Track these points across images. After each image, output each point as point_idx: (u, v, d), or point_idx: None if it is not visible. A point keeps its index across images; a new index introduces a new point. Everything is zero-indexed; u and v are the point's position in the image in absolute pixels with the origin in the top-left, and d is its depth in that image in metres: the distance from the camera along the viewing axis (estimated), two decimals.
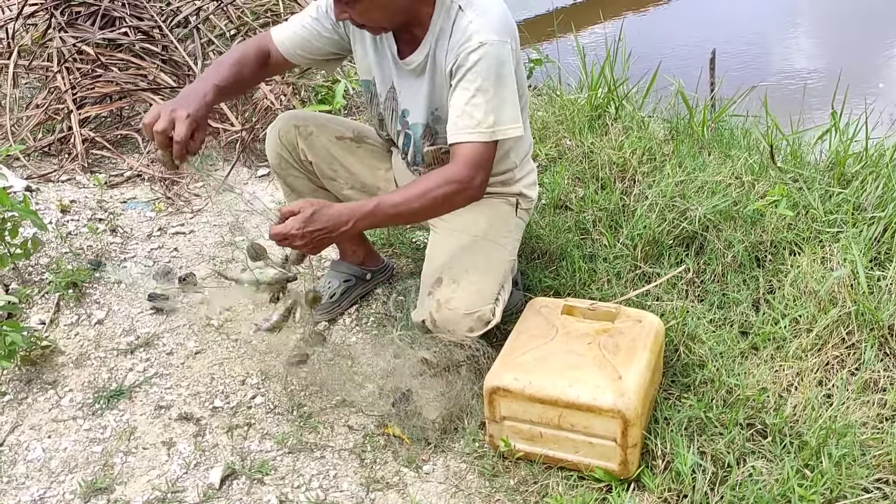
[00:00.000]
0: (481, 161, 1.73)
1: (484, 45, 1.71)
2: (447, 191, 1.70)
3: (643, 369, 1.73)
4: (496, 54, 1.72)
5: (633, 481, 1.73)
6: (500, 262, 1.96)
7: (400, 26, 1.81)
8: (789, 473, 1.65)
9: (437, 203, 1.72)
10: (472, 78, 1.72)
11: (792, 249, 2.31)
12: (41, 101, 3.23)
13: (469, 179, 1.71)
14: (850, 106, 2.88)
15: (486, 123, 1.72)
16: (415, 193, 1.71)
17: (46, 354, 2.14)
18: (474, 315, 1.84)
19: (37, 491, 1.79)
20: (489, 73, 1.71)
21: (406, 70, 1.87)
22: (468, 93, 1.72)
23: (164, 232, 2.73)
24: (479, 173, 1.73)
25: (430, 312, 1.85)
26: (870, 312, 1.99)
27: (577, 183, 2.75)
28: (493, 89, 1.72)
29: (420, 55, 1.83)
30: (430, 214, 1.81)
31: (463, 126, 1.73)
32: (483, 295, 1.86)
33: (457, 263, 1.90)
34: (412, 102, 1.91)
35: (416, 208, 1.71)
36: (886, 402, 1.85)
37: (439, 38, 1.79)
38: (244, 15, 3.78)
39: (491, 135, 1.73)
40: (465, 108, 1.72)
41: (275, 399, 2.04)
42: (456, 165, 1.73)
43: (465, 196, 1.73)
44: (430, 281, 1.90)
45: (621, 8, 5.64)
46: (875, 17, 5.46)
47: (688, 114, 3.10)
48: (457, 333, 1.85)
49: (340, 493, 1.78)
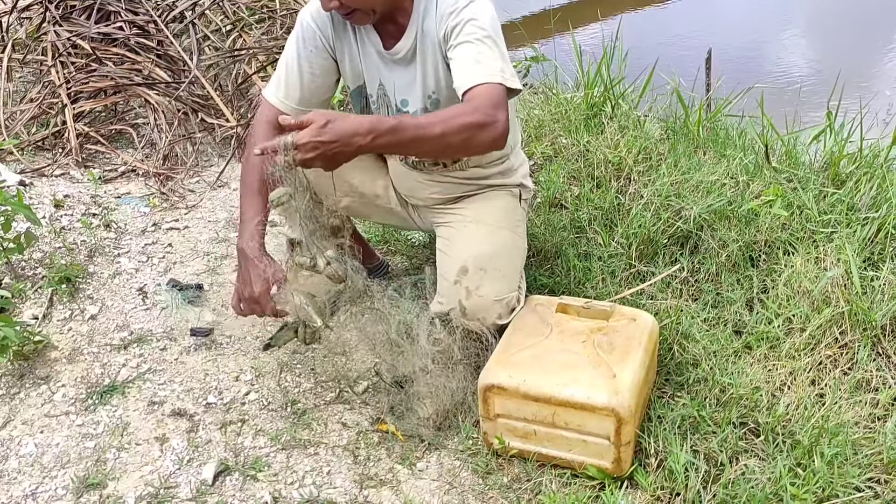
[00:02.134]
0: (501, 102, 1.61)
1: (473, 3, 1.71)
2: (474, 120, 1.58)
3: (637, 368, 1.73)
4: (487, 9, 1.72)
5: (626, 479, 1.73)
6: (519, 249, 1.99)
7: (385, 15, 1.79)
8: (782, 472, 1.66)
9: (462, 130, 1.57)
10: (471, 30, 1.68)
11: (786, 249, 2.31)
12: (35, 96, 3.22)
13: (494, 114, 1.59)
14: (846, 107, 2.89)
15: (498, 68, 1.65)
16: (440, 117, 1.59)
17: (39, 349, 2.13)
18: (503, 301, 1.86)
19: (29, 486, 1.78)
20: (486, 25, 1.69)
21: (394, 61, 1.86)
22: (472, 45, 1.67)
23: (159, 227, 2.72)
24: (500, 112, 1.60)
25: (460, 301, 1.86)
26: (863, 312, 2.00)
27: (572, 181, 2.76)
28: (491, 40, 1.68)
29: (408, 40, 1.82)
30: (453, 143, 1.60)
31: (476, 72, 1.64)
32: (509, 281, 1.89)
33: (481, 252, 1.90)
34: (407, 92, 1.89)
35: (438, 132, 1.56)
36: (878, 401, 1.86)
37: (425, 16, 1.78)
38: (240, 10, 3.77)
39: (504, 80, 1.64)
40: (475, 57, 1.65)
41: (268, 395, 2.04)
42: (479, 100, 1.60)
43: (489, 131, 1.59)
44: (455, 270, 1.89)
45: (618, 7, 5.65)
46: (871, 19, 5.48)
47: (683, 113, 3.10)
48: (486, 321, 1.86)
49: (334, 489, 1.78)
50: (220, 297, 2.39)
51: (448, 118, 1.58)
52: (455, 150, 1.71)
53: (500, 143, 1.62)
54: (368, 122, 1.53)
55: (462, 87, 1.65)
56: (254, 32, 3.67)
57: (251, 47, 3.54)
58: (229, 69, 3.47)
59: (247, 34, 3.68)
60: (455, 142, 1.58)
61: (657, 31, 5.28)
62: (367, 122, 1.53)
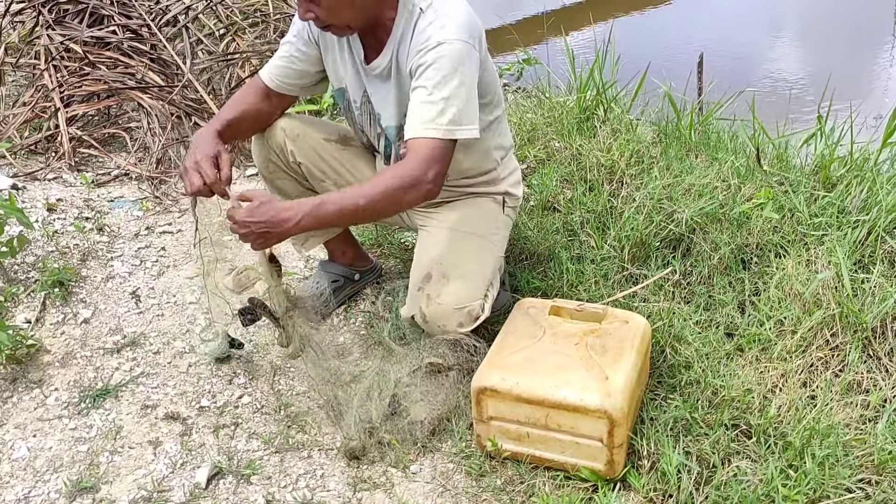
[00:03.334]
0: (436, 157, 1.68)
1: (442, 45, 1.70)
2: (397, 186, 1.65)
3: (630, 370, 1.74)
4: (454, 53, 1.70)
5: (619, 481, 1.74)
6: (489, 259, 1.97)
7: (365, 29, 1.80)
8: (773, 473, 1.67)
9: (387, 199, 1.66)
10: (429, 75, 1.70)
11: (777, 252, 2.33)
12: (28, 99, 3.21)
13: (422, 175, 1.66)
14: (836, 110, 2.91)
15: (442, 120, 1.68)
16: (363, 191, 1.66)
17: (32, 353, 2.13)
18: (464, 310, 1.85)
19: (21, 490, 1.78)
20: (446, 72, 1.69)
21: (373, 75, 1.88)
22: (425, 90, 1.70)
23: (152, 231, 2.72)
24: (432, 168, 1.67)
25: (420, 307, 1.86)
26: (854, 314, 2.01)
27: (565, 185, 2.77)
28: (449, 87, 1.69)
29: (384, 59, 1.84)
30: (381, 211, 1.72)
31: (417, 121, 1.69)
32: (472, 290, 1.88)
33: (446, 259, 1.90)
34: (383, 106, 1.92)
35: (363, 205, 1.65)
36: (869, 403, 1.87)
37: (401, 41, 1.80)
38: (233, 14, 3.78)
39: (446, 132, 1.69)
40: (421, 106, 1.70)
41: (262, 399, 2.04)
42: (409, 161, 1.68)
43: (416, 192, 1.66)
44: (420, 276, 1.90)
45: (611, 11, 5.67)
46: (862, 23, 5.51)
47: (675, 117, 3.12)
48: (447, 329, 1.86)
49: (327, 492, 1.78)
50: (214, 301, 2.38)
51: (373, 189, 1.66)
52: (383, 214, 1.77)
53: (432, 196, 1.70)
54: (294, 206, 1.65)
55: (406, 135, 1.73)
56: (247, 36, 3.67)
57: (244, 51, 3.54)
58: (222, 73, 3.47)
59: (240, 38, 3.68)
60: (381, 206, 1.68)
61: (649, 35, 5.30)
62: (294, 207, 1.65)
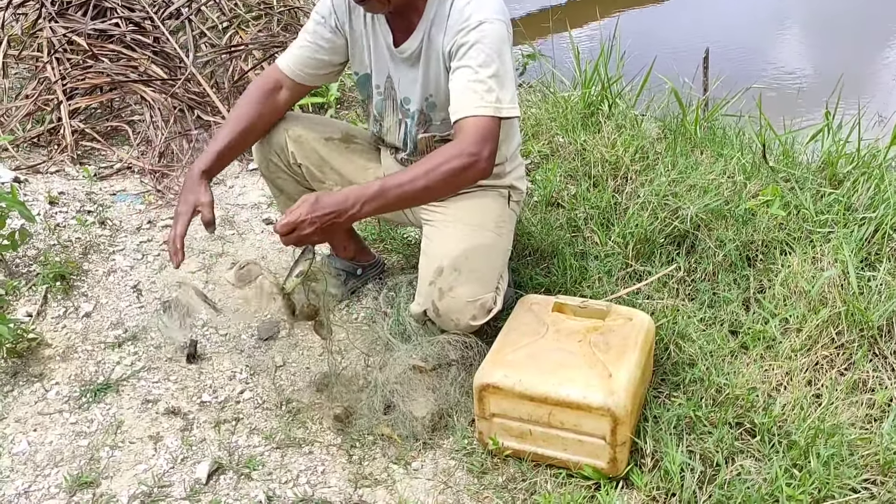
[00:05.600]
0: (489, 135, 1.68)
1: (483, 24, 1.71)
2: (455, 165, 1.65)
3: (633, 368, 1.73)
4: (496, 32, 1.72)
5: (621, 479, 1.73)
6: (499, 251, 1.97)
7: (398, 9, 1.79)
8: (778, 473, 1.65)
9: (446, 178, 1.65)
10: (473, 55, 1.71)
11: (783, 249, 2.31)
12: (31, 92, 3.20)
13: (478, 152, 1.66)
14: (844, 107, 2.89)
15: (491, 98, 1.69)
16: (421, 171, 1.65)
17: (33, 347, 2.12)
18: (477, 303, 1.84)
19: (22, 484, 1.77)
20: (491, 50, 1.71)
21: (401, 58, 1.87)
22: (470, 70, 1.70)
23: (154, 225, 2.71)
24: (486, 146, 1.67)
25: (433, 301, 1.85)
26: (860, 313, 2.00)
27: (569, 180, 2.75)
28: (494, 65, 1.70)
29: (415, 41, 1.83)
30: (439, 192, 1.71)
31: (468, 102, 1.69)
32: (484, 282, 1.87)
33: (457, 252, 1.89)
34: (411, 90, 1.90)
35: (422, 186, 1.64)
36: (875, 402, 1.86)
37: (434, 22, 1.79)
38: (237, 7, 3.76)
39: (496, 110, 1.69)
40: (469, 85, 1.70)
41: (263, 394, 2.03)
42: (463, 140, 1.67)
43: (474, 170, 1.66)
44: (431, 270, 1.89)
45: (617, 6, 5.64)
46: (870, 19, 5.48)
47: (681, 113, 3.10)
48: (460, 322, 1.85)
49: (328, 488, 1.78)
50: (216, 295, 2.38)
51: (431, 169, 1.65)
52: (441, 195, 1.77)
53: (486, 175, 1.70)
54: (354, 193, 1.64)
55: (454, 116, 1.71)
56: (250, 29, 3.66)
57: (248, 44, 3.53)
58: (226, 66, 3.46)
59: (243, 31, 3.66)
60: (440, 188, 1.67)
61: (655, 31, 5.27)
62: (353, 193, 1.64)
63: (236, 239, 2.67)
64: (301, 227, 1.63)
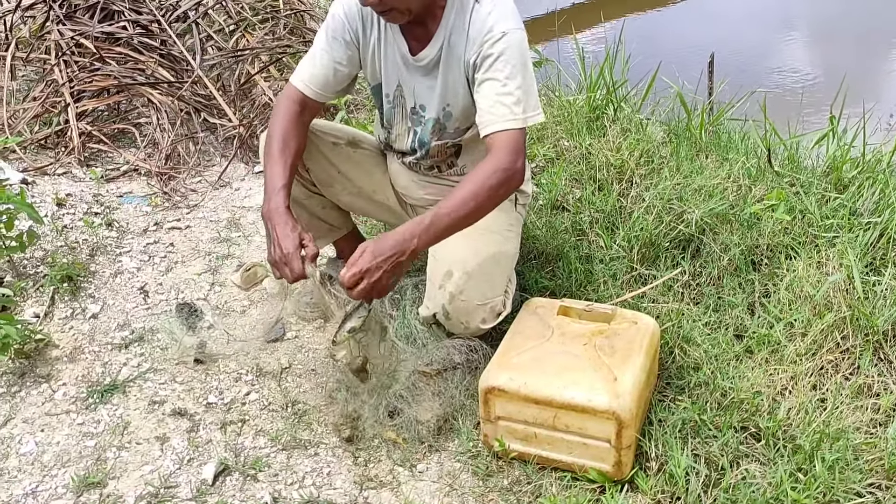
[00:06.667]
0: (520, 147, 1.75)
1: (507, 35, 1.74)
2: (498, 180, 1.70)
3: (638, 371, 1.73)
4: (519, 42, 1.76)
5: (626, 483, 1.73)
6: (507, 254, 1.98)
7: (416, 18, 1.80)
8: (782, 477, 1.65)
9: (492, 195, 1.71)
10: (500, 67, 1.74)
11: (788, 253, 2.31)
12: (38, 94, 3.22)
13: (514, 164, 1.72)
14: (849, 111, 2.89)
15: (518, 110, 1.74)
16: (467, 193, 1.69)
17: (40, 348, 2.13)
18: (487, 306, 1.86)
19: (29, 485, 1.78)
20: (516, 61, 1.75)
21: (416, 66, 1.88)
22: (498, 83, 1.74)
23: (160, 227, 2.73)
24: (519, 158, 1.74)
25: (443, 304, 1.86)
26: (865, 318, 2.00)
27: (574, 184, 2.75)
28: (520, 76, 1.75)
29: (433, 49, 1.84)
30: (486, 210, 1.75)
31: (499, 115, 1.74)
32: (494, 285, 1.89)
33: (467, 256, 1.90)
34: (427, 98, 1.91)
35: (473, 207, 1.69)
36: (880, 407, 1.86)
37: (454, 31, 1.80)
38: (243, 10, 3.77)
39: (524, 121, 1.76)
40: (498, 98, 1.74)
41: (269, 396, 2.03)
42: (499, 154, 1.72)
43: (515, 181, 1.73)
44: (440, 274, 1.90)
45: (622, 10, 5.65)
46: (875, 23, 5.47)
47: (686, 117, 3.10)
48: (470, 325, 1.86)
49: (334, 490, 1.78)
50: (222, 298, 2.39)
51: (477, 190, 1.69)
52: (488, 212, 1.78)
53: (521, 184, 1.77)
54: (409, 229, 1.66)
55: (484, 130, 1.76)
56: (257, 32, 3.67)
57: (254, 47, 3.54)
58: (232, 69, 3.47)
59: (250, 34, 3.68)
60: (487, 206, 1.72)
61: (660, 34, 5.27)
62: (409, 229, 1.66)
63: (242, 241, 2.67)
64: (369, 275, 1.63)
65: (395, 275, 1.67)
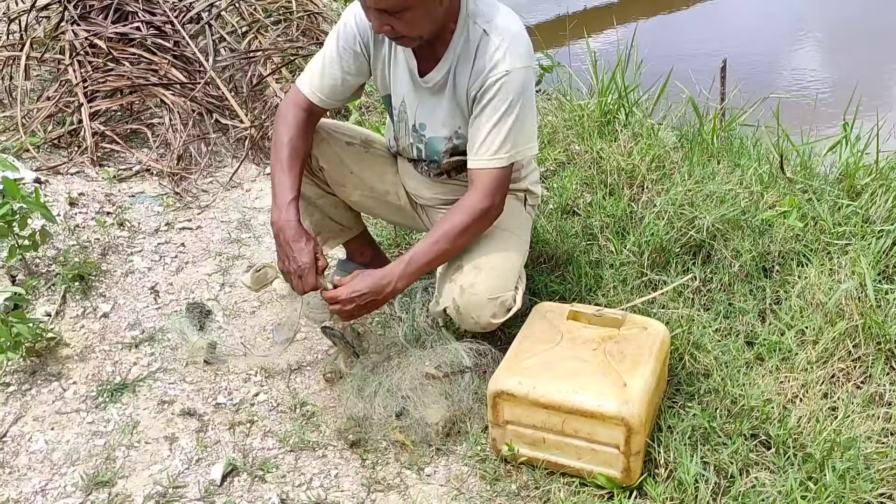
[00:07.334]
0: (500, 185, 1.83)
1: (510, 73, 1.76)
2: (469, 220, 1.81)
3: (648, 377, 1.72)
4: (521, 80, 1.78)
5: (635, 489, 1.72)
6: (517, 251, 1.99)
7: (427, 40, 1.80)
8: (793, 485, 1.64)
9: (466, 236, 1.84)
10: (496, 105, 1.78)
11: (800, 261, 2.30)
12: (52, 94, 3.24)
13: (489, 205, 1.82)
14: (862, 118, 2.87)
15: (505, 149, 1.80)
16: (442, 235, 1.82)
17: (51, 346, 2.14)
18: (497, 300, 1.86)
19: (38, 483, 1.79)
20: (514, 100, 1.77)
21: (423, 87, 1.89)
22: (491, 121, 1.79)
23: (172, 227, 2.74)
24: (498, 195, 1.83)
25: (454, 298, 1.87)
26: (877, 326, 1.98)
27: (585, 188, 2.75)
28: (514, 115, 1.78)
29: (439, 73, 1.85)
30: (460, 247, 1.87)
31: (483, 153, 1.81)
32: (504, 280, 1.89)
33: (476, 251, 1.91)
34: (430, 118, 1.93)
35: (447, 248, 1.83)
36: (892, 416, 1.84)
37: (460, 58, 1.82)
38: (256, 12, 3.79)
39: (508, 159, 1.82)
40: (488, 136, 1.79)
41: (278, 397, 2.04)
42: (476, 194, 1.82)
43: (487, 219, 1.85)
44: (451, 269, 1.91)
45: (634, 14, 5.63)
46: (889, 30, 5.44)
47: (698, 122, 3.09)
48: (481, 320, 1.86)
49: (341, 492, 1.78)
50: (232, 298, 2.40)
51: (451, 231, 1.82)
52: (464, 247, 1.90)
53: (499, 215, 1.88)
54: (388, 272, 1.81)
55: (469, 162, 1.85)
56: (269, 34, 3.68)
57: (266, 49, 3.55)
58: (244, 70, 3.48)
59: (262, 36, 3.69)
60: (462, 243, 1.86)
61: (673, 39, 5.26)
62: (387, 272, 1.81)
63: (252, 242, 2.68)
64: (343, 304, 1.81)
65: (367, 309, 1.83)
